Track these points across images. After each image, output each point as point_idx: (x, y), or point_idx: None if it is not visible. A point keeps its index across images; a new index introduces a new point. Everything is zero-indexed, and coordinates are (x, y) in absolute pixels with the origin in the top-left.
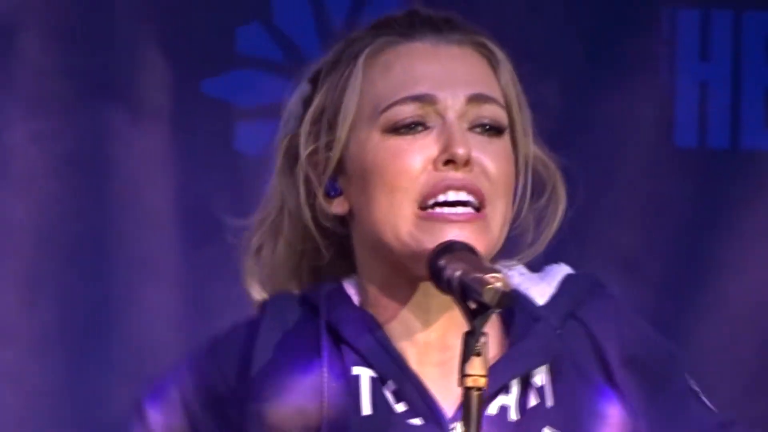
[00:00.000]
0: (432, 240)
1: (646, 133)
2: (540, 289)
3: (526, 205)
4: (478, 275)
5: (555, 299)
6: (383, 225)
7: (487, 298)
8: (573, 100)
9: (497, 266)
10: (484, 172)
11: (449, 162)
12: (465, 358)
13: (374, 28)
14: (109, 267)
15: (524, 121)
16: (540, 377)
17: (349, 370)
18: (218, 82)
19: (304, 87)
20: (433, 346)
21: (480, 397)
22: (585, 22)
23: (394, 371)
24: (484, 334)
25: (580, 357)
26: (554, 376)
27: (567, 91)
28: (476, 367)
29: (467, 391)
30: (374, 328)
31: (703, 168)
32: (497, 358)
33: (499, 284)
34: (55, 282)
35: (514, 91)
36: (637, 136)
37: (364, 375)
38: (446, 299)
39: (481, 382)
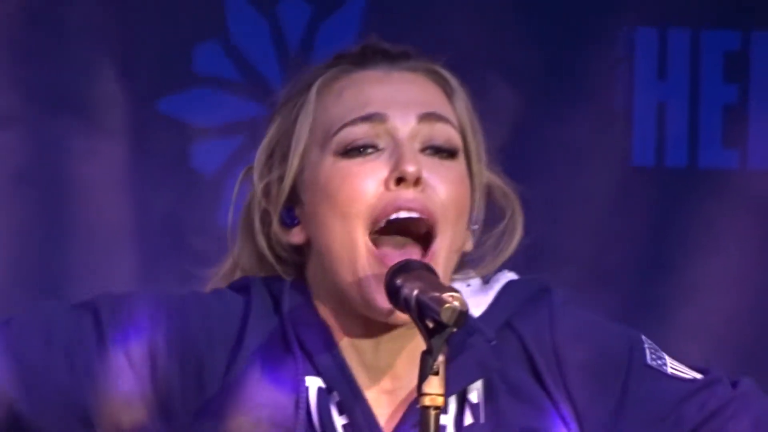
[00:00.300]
0: (381, 292)
1: (604, 151)
2: (478, 299)
3: (479, 231)
4: (436, 294)
5: (490, 309)
6: (338, 257)
7: (444, 317)
8: (530, 118)
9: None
10: (436, 194)
11: (400, 181)
12: (423, 377)
13: (327, 63)
14: (64, 285)
15: (479, 147)
16: (475, 394)
17: (302, 380)
18: (175, 101)
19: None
20: (383, 374)
21: (437, 416)
22: (542, 40)
23: (342, 385)
24: (442, 352)
25: (514, 371)
26: (488, 393)
27: (525, 109)
28: (434, 386)
29: (425, 410)
30: (331, 342)
31: (661, 187)
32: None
33: (456, 303)
34: (6, 300)
35: (468, 117)
36: (595, 154)
37: (313, 385)
38: (399, 332)
39: (439, 401)
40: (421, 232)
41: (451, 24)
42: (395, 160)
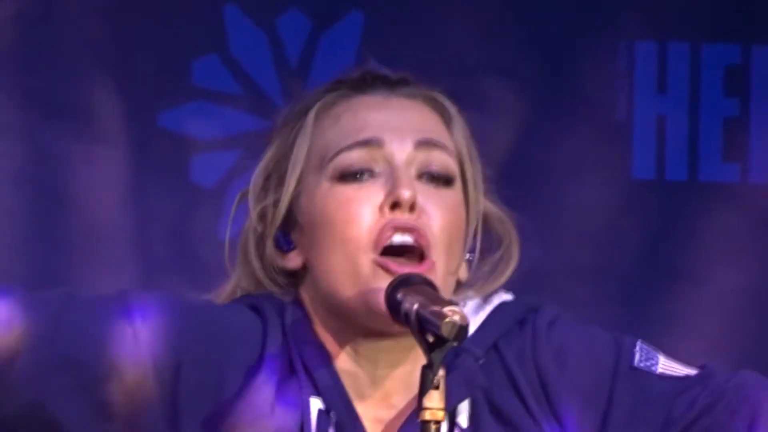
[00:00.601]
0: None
1: (605, 165)
2: (471, 321)
3: (476, 257)
4: (436, 308)
5: (479, 331)
6: (341, 275)
7: (444, 331)
8: (531, 132)
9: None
10: (431, 221)
11: (395, 206)
12: (423, 392)
13: (327, 86)
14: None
15: (476, 175)
16: (464, 416)
17: (307, 401)
18: (175, 114)
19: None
20: (377, 403)
21: (438, 430)
22: (542, 53)
23: (341, 408)
24: (442, 366)
25: (499, 394)
26: (474, 417)
27: (525, 123)
28: (434, 400)
29: (426, 424)
30: (330, 365)
31: (661, 200)
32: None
33: (456, 317)
34: None
35: (466, 145)
36: (596, 168)
37: (315, 405)
38: (395, 356)
39: (439, 415)
40: (417, 256)
41: (450, 37)
42: (391, 185)
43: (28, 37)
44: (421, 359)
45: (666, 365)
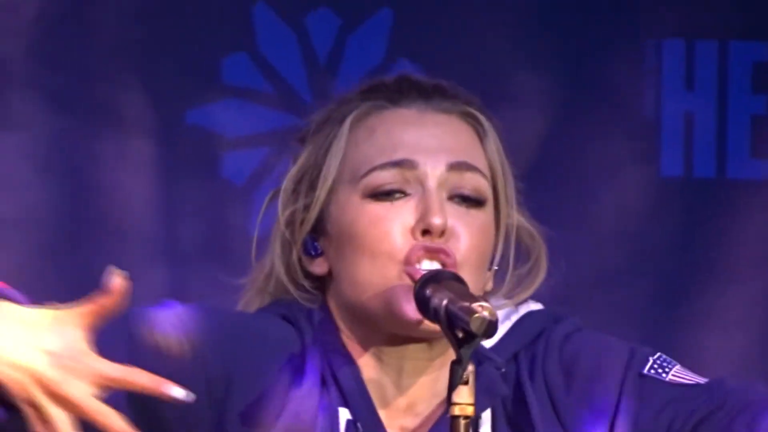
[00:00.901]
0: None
1: (632, 163)
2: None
3: (509, 273)
4: (465, 304)
5: (503, 339)
6: (367, 285)
7: (474, 327)
8: (558, 130)
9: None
10: (459, 242)
11: (426, 232)
12: (452, 387)
13: (363, 92)
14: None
15: (508, 191)
16: (486, 426)
17: (336, 411)
18: (204, 112)
19: (295, 147)
20: (402, 412)
21: (467, 425)
22: (570, 52)
23: (367, 419)
24: (471, 362)
25: (516, 406)
26: (495, 428)
27: (552, 121)
28: (463, 395)
29: (455, 419)
30: (358, 375)
31: (689, 197)
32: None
33: (486, 313)
34: None
35: (499, 161)
36: (624, 165)
37: (343, 416)
38: (420, 364)
39: (469, 410)
40: None
41: (478, 35)
42: (423, 208)
43: (59, 35)
44: (446, 367)
45: (678, 374)
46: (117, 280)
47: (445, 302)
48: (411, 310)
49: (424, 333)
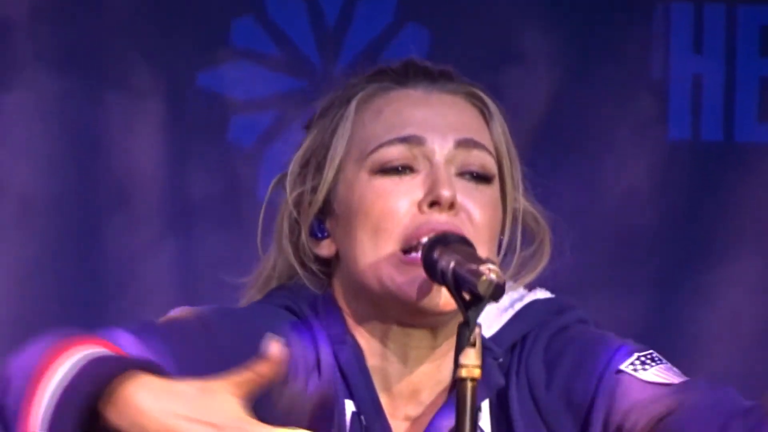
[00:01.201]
0: (411, 286)
1: (640, 126)
2: (500, 319)
3: (516, 257)
4: (473, 266)
5: (501, 332)
6: (365, 267)
7: (481, 289)
8: (566, 92)
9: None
10: (469, 218)
11: (434, 204)
12: (459, 349)
13: (368, 76)
14: (98, 262)
15: (515, 174)
16: (486, 420)
17: (342, 404)
18: (213, 75)
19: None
20: (405, 399)
21: (474, 387)
22: (578, 15)
23: (370, 411)
24: (478, 324)
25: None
26: (493, 420)
27: (561, 84)
28: (470, 357)
29: (462, 381)
30: (363, 365)
31: (697, 161)
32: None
33: (493, 276)
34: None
35: (505, 144)
36: (631, 129)
37: (349, 408)
38: (424, 352)
39: (476, 372)
40: None
41: (487, 1)
42: (430, 182)
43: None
44: (450, 354)
45: (658, 373)
46: (275, 348)
47: (452, 264)
48: (409, 289)
49: (426, 321)
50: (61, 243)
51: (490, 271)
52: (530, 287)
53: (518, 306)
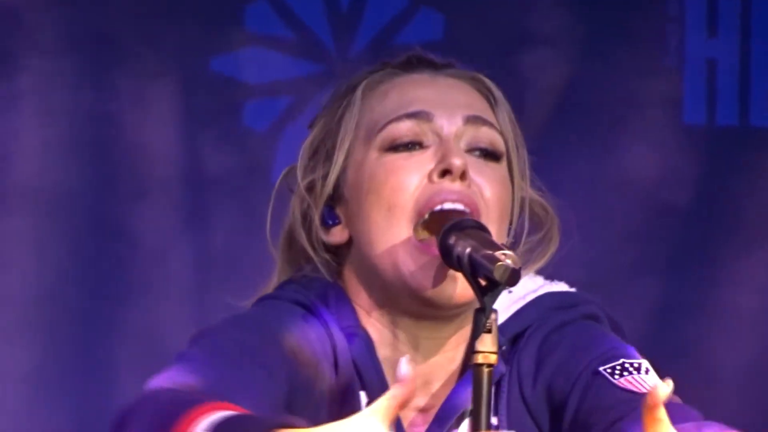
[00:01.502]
0: (426, 275)
1: (655, 110)
2: (506, 308)
3: (521, 244)
4: (489, 252)
5: (508, 320)
6: (381, 250)
7: (497, 275)
8: (581, 78)
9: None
10: (480, 192)
11: (446, 173)
12: (475, 335)
13: (373, 67)
14: (114, 242)
15: (521, 163)
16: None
17: (358, 396)
18: (227, 59)
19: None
20: (417, 391)
21: (491, 373)
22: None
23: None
24: (494, 311)
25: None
26: (495, 408)
27: (575, 69)
28: (487, 343)
29: (478, 367)
30: (374, 357)
31: (711, 145)
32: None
33: (509, 261)
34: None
35: (512, 131)
36: (646, 113)
37: (363, 400)
38: (434, 342)
39: (492, 358)
40: None
41: None
42: (441, 154)
43: None
44: (462, 346)
45: (633, 381)
46: (408, 371)
47: (468, 250)
48: (427, 284)
49: (436, 312)
50: (76, 233)
51: (506, 257)
52: (551, 278)
53: (530, 297)
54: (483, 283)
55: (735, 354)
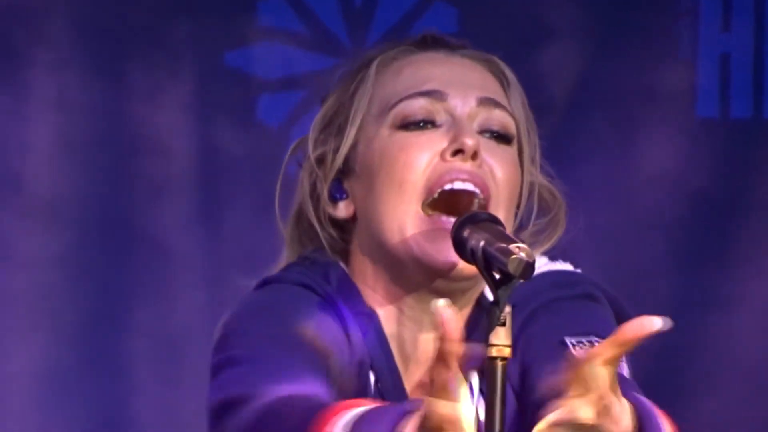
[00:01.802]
0: (436, 249)
1: (669, 103)
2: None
3: (528, 229)
4: (503, 245)
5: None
6: (389, 224)
7: (511, 268)
8: (594, 72)
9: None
10: (492, 172)
11: (458, 152)
12: (490, 329)
13: (388, 44)
14: (127, 238)
15: (532, 148)
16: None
17: (368, 374)
18: (241, 54)
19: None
20: (422, 366)
21: (504, 366)
22: None
23: (388, 380)
24: (508, 304)
25: None
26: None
27: (588, 63)
28: (501, 337)
29: (492, 360)
30: (381, 334)
31: (725, 138)
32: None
33: (523, 254)
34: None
35: (524, 113)
36: (660, 106)
37: (372, 378)
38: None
39: (506, 351)
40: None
41: None
42: (453, 133)
43: None
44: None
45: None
46: (445, 306)
47: (482, 243)
48: (437, 252)
49: (444, 285)
50: (87, 229)
51: (520, 250)
52: (553, 258)
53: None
54: (497, 276)
55: (750, 347)
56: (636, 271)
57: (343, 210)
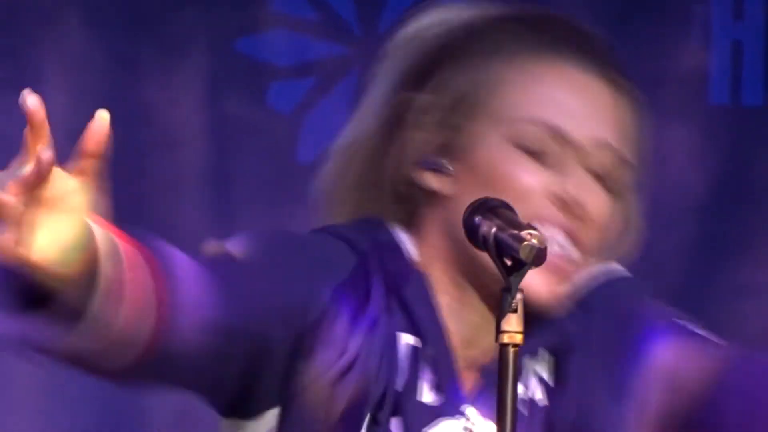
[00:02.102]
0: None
1: (680, 90)
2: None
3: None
4: (514, 231)
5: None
6: None
7: (523, 254)
8: None
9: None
10: (594, 223)
11: (566, 207)
12: (501, 315)
13: (517, 22)
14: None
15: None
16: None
17: (394, 335)
18: (252, 41)
19: (427, 41)
20: (466, 342)
21: (516, 353)
22: None
23: (438, 344)
24: (520, 290)
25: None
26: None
27: None
28: (512, 323)
29: (503, 347)
30: (430, 300)
31: (736, 125)
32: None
33: (535, 241)
34: None
35: (641, 148)
36: (671, 93)
37: (405, 340)
38: (490, 303)
39: (518, 338)
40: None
41: None
42: (573, 184)
43: None
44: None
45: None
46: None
47: (494, 230)
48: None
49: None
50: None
51: (532, 236)
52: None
53: (600, 279)
54: (509, 263)
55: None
56: (645, 257)
57: (435, 181)
